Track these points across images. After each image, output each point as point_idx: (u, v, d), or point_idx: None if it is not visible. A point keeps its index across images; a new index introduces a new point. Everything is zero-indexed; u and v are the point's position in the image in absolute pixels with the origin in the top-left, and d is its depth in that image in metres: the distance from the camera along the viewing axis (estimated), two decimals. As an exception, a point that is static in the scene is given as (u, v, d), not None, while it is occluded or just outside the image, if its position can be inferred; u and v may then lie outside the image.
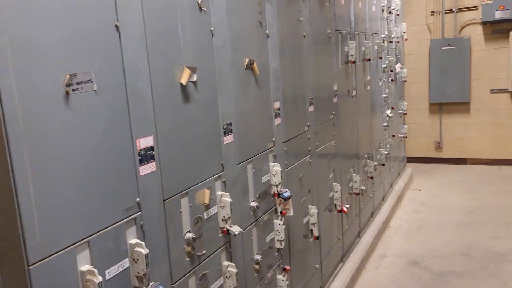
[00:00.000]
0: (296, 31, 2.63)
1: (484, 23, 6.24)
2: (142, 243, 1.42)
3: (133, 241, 1.42)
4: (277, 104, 2.40)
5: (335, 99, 3.32)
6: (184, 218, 1.69)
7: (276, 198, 2.36)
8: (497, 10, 5.96)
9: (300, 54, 2.69)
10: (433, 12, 6.59)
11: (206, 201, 1.80)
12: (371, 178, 4.28)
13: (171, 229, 1.61)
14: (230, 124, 1.97)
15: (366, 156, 4.18)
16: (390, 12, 5.01)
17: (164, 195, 1.58)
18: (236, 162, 2.03)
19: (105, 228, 1.33)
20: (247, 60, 2.08)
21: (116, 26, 1.36)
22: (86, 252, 1.27)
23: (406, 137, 6.12)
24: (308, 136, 2.83)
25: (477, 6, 6.29)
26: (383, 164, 4.73)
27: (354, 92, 3.79)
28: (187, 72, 1.64)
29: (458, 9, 6.43)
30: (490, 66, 6.37)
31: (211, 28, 1.81)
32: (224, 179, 1.93)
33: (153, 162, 1.52)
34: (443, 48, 6.49)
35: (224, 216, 1.89)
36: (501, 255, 3.84)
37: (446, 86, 6.57)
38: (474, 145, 6.65)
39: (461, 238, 4.24)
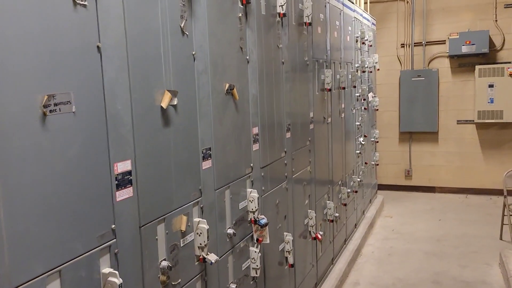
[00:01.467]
0: (275, 58, 2.65)
1: (451, 57, 6.50)
2: (116, 272, 1.35)
3: (107, 270, 1.35)
4: (255, 130, 2.39)
5: (311, 126, 3.35)
6: (160, 245, 1.63)
7: (252, 225, 2.32)
8: (463, 45, 6.23)
9: (279, 80, 2.71)
10: (403, 44, 6.83)
11: (183, 228, 1.75)
12: (345, 205, 4.30)
13: (147, 257, 1.55)
14: (209, 149, 1.94)
15: (340, 182, 4.21)
16: (363, 43, 5.15)
17: (141, 222, 1.52)
18: (214, 188, 1.99)
19: (78, 257, 1.26)
20: (227, 85, 2.07)
21: (98, 47, 1.33)
22: (57, 282, 1.20)
23: (378, 164, 6.22)
24: (285, 161, 2.83)
25: (444, 40, 6.56)
26: (356, 191, 4.77)
27: (329, 119, 3.83)
28: (168, 95, 1.61)
29: (426, 42, 6.68)
30: (457, 98, 6.61)
31: (193, 52, 1.80)
32: (201, 205, 1.89)
33: (130, 187, 1.46)
34: (412, 78, 6.70)
35: (200, 244, 1.83)
36: (469, 284, 3.89)
37: (415, 115, 6.76)
38: (442, 173, 6.82)
39: (430, 266, 4.28)
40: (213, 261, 1.85)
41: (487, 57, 6.32)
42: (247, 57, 2.28)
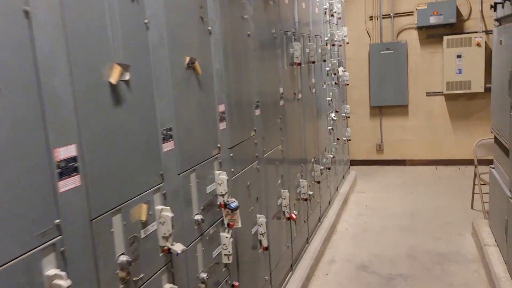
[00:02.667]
0: (240, 30, 2.46)
1: (419, 28, 6.44)
2: (63, 273, 1.18)
3: (52, 272, 1.17)
4: (222, 107, 2.22)
5: (281, 102, 3.19)
6: (117, 239, 1.46)
7: (222, 209, 2.17)
8: (431, 16, 6.16)
9: (245, 54, 2.53)
10: (371, 17, 6.71)
11: (143, 218, 1.58)
12: (318, 182, 4.20)
13: (101, 253, 1.37)
14: (170, 129, 1.75)
15: (313, 160, 4.10)
16: (332, 15, 5.00)
17: (92, 214, 1.34)
18: (178, 172, 1.81)
19: (14, 259, 1.08)
20: (188, 59, 1.88)
21: (25, 11, 1.11)
22: (-13, 293, 1.02)
23: (350, 140, 6.15)
24: (255, 141, 2.67)
25: (412, 12, 6.48)
26: (329, 168, 4.69)
27: (300, 95, 3.69)
28: (117, 69, 1.41)
29: (395, 14, 6.59)
30: (426, 70, 6.58)
31: (146, 21, 1.60)
32: (164, 191, 1.71)
33: (76, 175, 1.27)
34: (381, 52, 6.62)
35: (164, 234, 1.67)
36: (444, 255, 3.89)
37: (385, 89, 6.71)
38: (412, 147, 6.84)
39: (405, 240, 4.27)
40: (179, 252, 1.69)
41: (455, 28, 6.29)
42: (209, 28, 2.09)
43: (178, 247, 1.69)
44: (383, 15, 6.64)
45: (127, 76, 1.47)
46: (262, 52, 2.80)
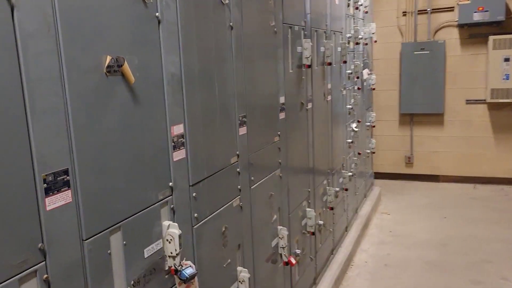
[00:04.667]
0: (216, 19, 1.79)
1: (460, 26, 5.59)
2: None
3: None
4: (178, 129, 1.55)
5: (281, 115, 2.50)
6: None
7: (175, 278, 1.50)
8: (475, 12, 5.31)
9: (223, 52, 1.85)
10: (405, 12, 5.90)
11: None
12: (331, 209, 3.49)
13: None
14: (66, 172, 1.09)
15: (325, 182, 3.39)
16: (357, 8, 4.25)
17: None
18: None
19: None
20: (108, 59, 1.21)
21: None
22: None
23: (374, 152, 5.39)
24: (238, 169, 1.99)
25: (453, 7, 5.64)
26: (346, 189, 3.96)
27: (310, 105, 2.98)
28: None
29: (432, 9, 5.76)
30: (467, 74, 5.73)
31: (8, -5, 0.94)
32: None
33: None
34: (415, 52, 5.81)
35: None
36: (486, 308, 3.13)
37: (418, 95, 5.90)
38: (447, 161, 6.00)
39: (434, 281, 3.51)
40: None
41: (503, 26, 5.41)
42: (157, 14, 1.42)
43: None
44: (418, 11, 5.82)
45: None
46: (252, 50, 2.11)
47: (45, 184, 1.02)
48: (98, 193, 1.19)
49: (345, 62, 3.78)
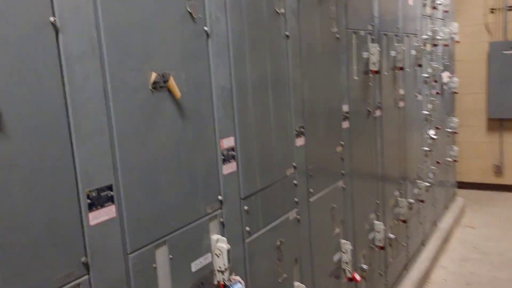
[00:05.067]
0: (270, 29, 1.76)
1: (559, 21, 5.03)
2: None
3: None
4: (229, 142, 1.54)
5: (345, 124, 2.40)
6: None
7: (221, 291, 1.50)
8: None
9: (278, 62, 1.82)
10: (493, 9, 5.44)
11: None
12: (404, 221, 3.29)
13: None
14: (110, 188, 1.13)
15: (396, 193, 3.21)
16: (435, 8, 3.99)
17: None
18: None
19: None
20: (153, 75, 1.24)
21: None
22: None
23: (456, 161, 5.01)
24: (294, 181, 1.94)
25: (550, 0, 5.09)
26: (422, 201, 3.71)
27: (378, 112, 2.84)
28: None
29: (525, 4, 5.25)
30: None
31: (52, 19, 0.99)
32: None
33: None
34: (505, 52, 5.32)
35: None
36: None
37: (508, 98, 5.39)
38: (544, 170, 5.41)
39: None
40: None
41: None
42: (206, 28, 1.43)
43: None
44: (508, 6, 5.33)
45: None
46: (311, 58, 2.05)
47: (89, 200, 1.06)
48: (143, 208, 1.21)
49: (420, 65, 3.55)
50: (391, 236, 3.04)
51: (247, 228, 1.63)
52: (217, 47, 1.47)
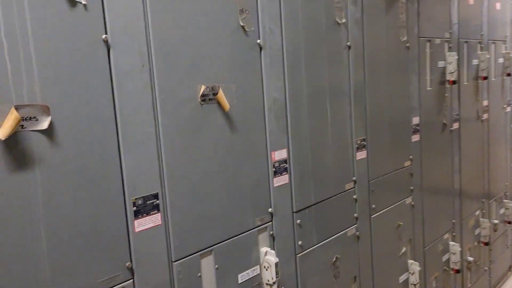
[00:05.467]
0: (329, 40, 1.72)
1: None
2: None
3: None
4: (281, 154, 1.53)
5: (415, 137, 2.27)
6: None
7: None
8: None
9: (338, 73, 1.77)
10: None
11: None
12: (486, 244, 3.01)
13: None
14: (156, 196, 1.17)
15: (477, 213, 2.95)
16: (528, 11, 3.63)
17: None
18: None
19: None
20: (203, 88, 1.27)
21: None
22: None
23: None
24: (354, 196, 1.87)
25: None
26: (509, 222, 3.38)
27: (456, 125, 2.64)
28: (12, 119, 0.91)
29: None
30: None
31: (105, 37, 1.06)
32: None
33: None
34: None
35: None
36: None
37: None
38: None
39: None
40: None
41: None
42: (258, 41, 1.43)
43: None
44: None
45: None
46: (375, 70, 1.97)
47: (135, 207, 1.11)
48: (190, 217, 1.24)
49: (509, 74, 3.25)
50: (470, 258, 2.80)
51: (300, 242, 1.61)
52: (270, 59, 1.48)
